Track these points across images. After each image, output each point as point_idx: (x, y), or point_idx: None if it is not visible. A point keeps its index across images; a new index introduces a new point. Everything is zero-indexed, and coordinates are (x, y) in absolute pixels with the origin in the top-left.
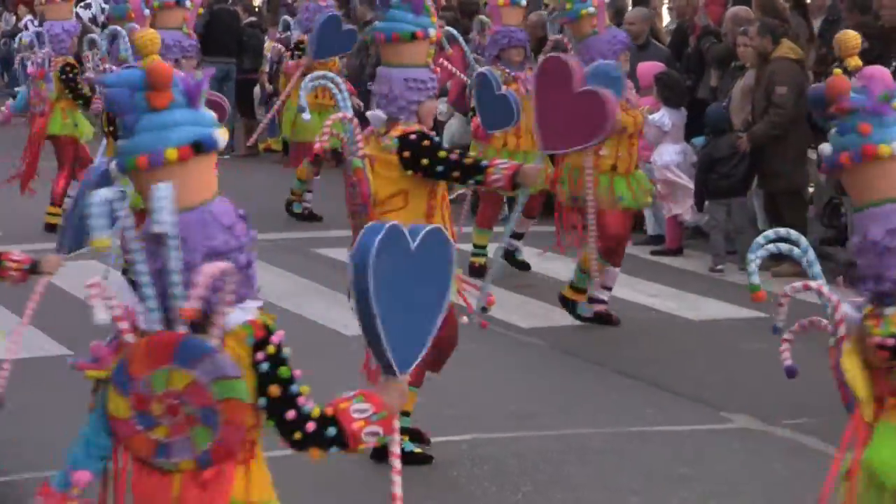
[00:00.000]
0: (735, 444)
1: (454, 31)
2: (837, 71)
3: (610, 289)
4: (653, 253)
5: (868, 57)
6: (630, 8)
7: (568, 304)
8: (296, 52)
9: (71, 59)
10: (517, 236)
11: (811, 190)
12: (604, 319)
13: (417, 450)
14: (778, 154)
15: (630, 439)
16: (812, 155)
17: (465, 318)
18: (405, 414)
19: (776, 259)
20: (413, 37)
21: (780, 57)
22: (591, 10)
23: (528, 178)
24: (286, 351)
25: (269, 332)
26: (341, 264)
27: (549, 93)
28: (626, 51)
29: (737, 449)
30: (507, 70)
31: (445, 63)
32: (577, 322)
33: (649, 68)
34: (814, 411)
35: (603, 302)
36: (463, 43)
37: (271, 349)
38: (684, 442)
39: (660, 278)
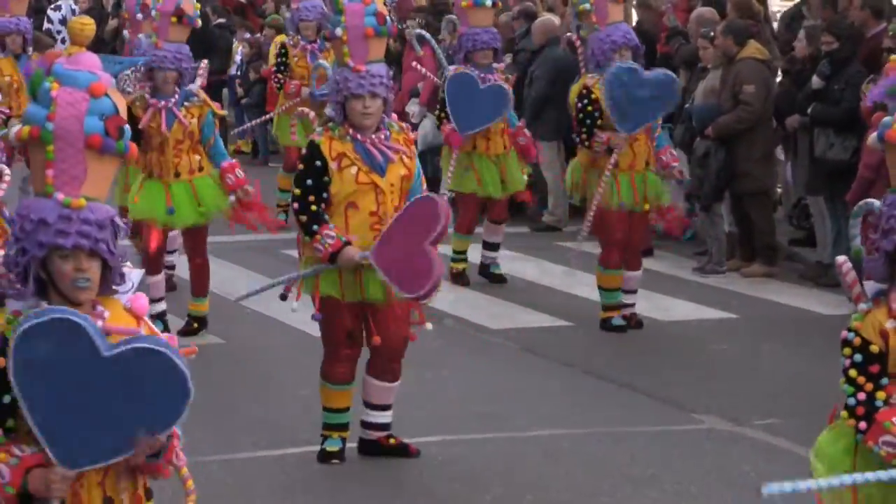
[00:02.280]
0: (705, 445)
1: (425, 33)
2: (893, 58)
3: (632, 292)
4: None
5: (837, 56)
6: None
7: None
8: (282, 61)
9: None
10: (492, 247)
11: (779, 191)
12: (632, 324)
13: (330, 448)
14: (744, 155)
15: (600, 440)
16: (780, 155)
17: (429, 325)
18: (342, 410)
19: (746, 259)
20: None
21: (746, 57)
22: (587, 6)
23: (345, 260)
24: None
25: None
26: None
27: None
28: (618, 50)
29: (707, 450)
30: (476, 72)
31: (417, 64)
32: (545, 323)
33: None
34: (783, 412)
35: (626, 306)
36: (434, 44)
37: None
38: (654, 443)
39: None
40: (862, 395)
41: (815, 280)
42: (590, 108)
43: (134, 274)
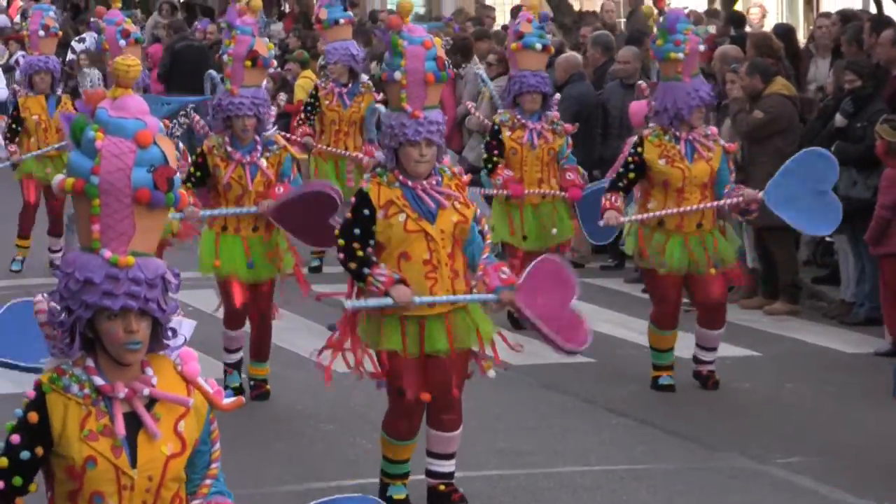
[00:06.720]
0: (726, 483)
1: (483, 74)
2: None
3: (709, 350)
4: (644, 291)
5: (860, 94)
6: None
7: None
8: (311, 105)
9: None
10: None
11: None
12: (708, 385)
13: (397, 496)
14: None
15: (620, 477)
16: None
17: (491, 373)
18: (402, 461)
19: (769, 297)
20: None
21: (772, 93)
22: (681, 55)
23: (400, 297)
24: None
25: None
26: (332, 300)
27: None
28: (702, 107)
29: (729, 488)
30: (518, 116)
31: (471, 106)
32: (566, 359)
33: (642, 107)
34: (806, 450)
35: (703, 362)
36: (491, 86)
37: None
38: (676, 480)
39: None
40: None
41: (838, 318)
42: (632, 161)
43: (185, 326)
